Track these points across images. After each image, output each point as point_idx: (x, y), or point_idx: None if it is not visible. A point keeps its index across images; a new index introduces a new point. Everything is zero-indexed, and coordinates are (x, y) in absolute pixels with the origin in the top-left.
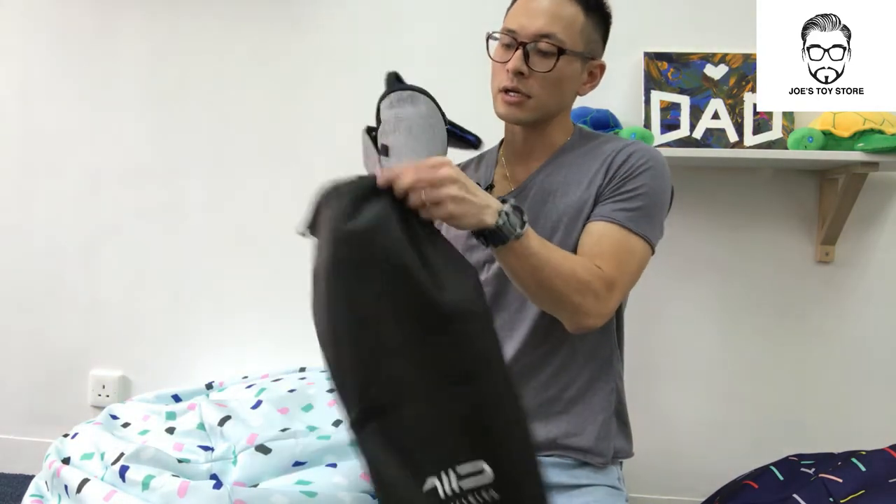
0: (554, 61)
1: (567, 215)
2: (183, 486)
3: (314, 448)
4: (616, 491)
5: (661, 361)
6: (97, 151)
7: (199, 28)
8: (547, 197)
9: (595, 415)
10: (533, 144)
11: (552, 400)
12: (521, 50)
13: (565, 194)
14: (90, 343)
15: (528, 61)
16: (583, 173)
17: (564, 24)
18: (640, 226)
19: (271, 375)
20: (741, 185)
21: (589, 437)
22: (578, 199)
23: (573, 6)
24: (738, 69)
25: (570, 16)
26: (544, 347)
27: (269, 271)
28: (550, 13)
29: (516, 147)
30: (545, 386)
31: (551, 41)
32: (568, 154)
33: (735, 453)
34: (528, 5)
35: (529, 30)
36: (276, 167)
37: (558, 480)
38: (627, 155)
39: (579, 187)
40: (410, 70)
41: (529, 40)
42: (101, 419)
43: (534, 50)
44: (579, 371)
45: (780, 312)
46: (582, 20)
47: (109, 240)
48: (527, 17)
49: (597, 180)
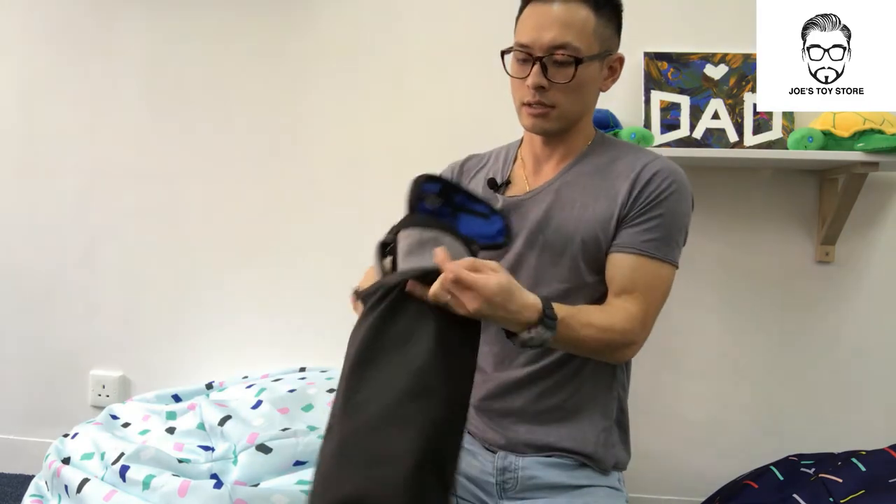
0: (573, 70)
1: (586, 231)
2: (183, 485)
3: (314, 447)
4: (616, 492)
5: (661, 361)
6: (97, 152)
7: (199, 28)
8: (564, 206)
9: (596, 423)
10: (554, 148)
11: (554, 408)
12: (538, 65)
13: (584, 207)
14: (90, 343)
15: (546, 74)
16: (603, 189)
17: (577, 30)
18: (667, 253)
19: (271, 375)
20: (741, 185)
21: (590, 444)
22: (600, 216)
23: (583, 9)
24: (738, 69)
25: (581, 20)
26: (550, 357)
27: (270, 271)
28: (561, 22)
29: (536, 149)
30: (548, 393)
31: (567, 51)
32: (587, 163)
33: (735, 453)
34: (538, 17)
35: (543, 42)
36: (276, 167)
37: (559, 481)
38: (652, 174)
39: (598, 203)
40: (411, 69)
41: (545, 53)
42: (101, 419)
43: (550, 62)
44: (583, 381)
45: (780, 312)
46: (593, 21)
47: (109, 240)
48: (538, 29)
49: (619, 198)
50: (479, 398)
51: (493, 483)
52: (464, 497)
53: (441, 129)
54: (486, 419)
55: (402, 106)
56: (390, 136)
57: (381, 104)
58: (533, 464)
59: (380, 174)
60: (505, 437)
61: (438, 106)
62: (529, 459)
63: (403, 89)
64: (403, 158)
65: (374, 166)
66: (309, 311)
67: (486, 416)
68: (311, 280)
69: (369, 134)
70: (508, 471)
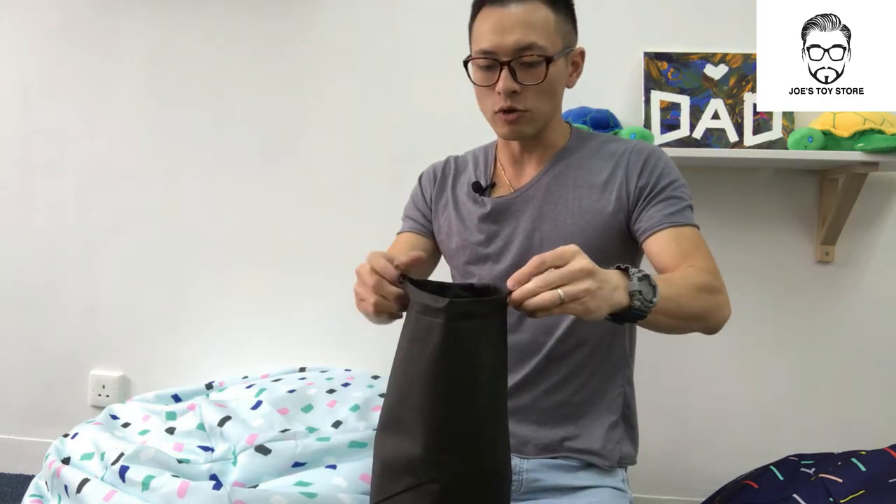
0: (544, 70)
1: (589, 220)
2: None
3: (314, 449)
4: (620, 493)
5: (662, 361)
6: (97, 151)
7: (199, 28)
8: (558, 199)
9: (603, 418)
10: (532, 148)
11: (561, 404)
12: (506, 69)
13: (579, 197)
14: (90, 343)
15: (516, 77)
16: (593, 175)
17: (539, 29)
18: (690, 217)
19: (271, 375)
20: (741, 185)
21: (596, 440)
22: (597, 203)
23: (541, 8)
24: (738, 69)
25: (542, 19)
26: (553, 353)
27: (270, 271)
28: (523, 23)
29: (514, 151)
30: (555, 390)
31: (534, 52)
32: (572, 155)
33: (735, 453)
34: (497, 21)
35: (507, 46)
36: (276, 167)
37: (562, 482)
38: (642, 157)
39: (593, 190)
40: (410, 69)
41: (511, 57)
42: (101, 419)
43: (518, 65)
44: (590, 376)
45: (779, 312)
46: (553, 18)
47: (109, 240)
48: (499, 34)
49: (614, 183)
50: None
51: None
52: None
53: (441, 129)
54: None
55: (401, 106)
56: (390, 135)
57: (381, 104)
58: (537, 466)
59: (380, 174)
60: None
61: (438, 106)
62: (534, 462)
63: (403, 89)
64: (403, 158)
65: (374, 166)
66: (309, 311)
67: None
68: (312, 280)
69: (370, 133)
70: (513, 473)
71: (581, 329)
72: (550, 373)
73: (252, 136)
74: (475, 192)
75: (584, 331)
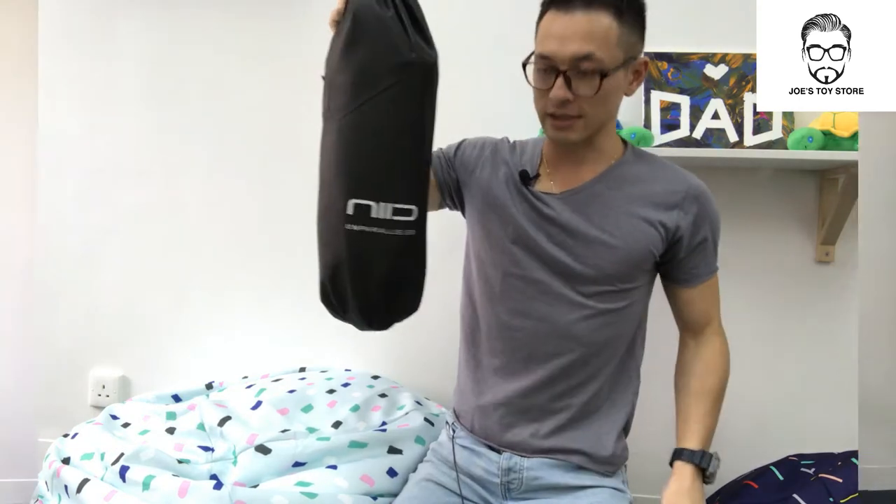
0: (598, 82)
1: (631, 236)
2: (183, 486)
3: (314, 449)
4: (620, 493)
5: (662, 361)
6: (97, 151)
7: (199, 28)
8: (607, 210)
9: (613, 426)
10: (584, 154)
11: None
12: (561, 77)
13: (629, 213)
14: (90, 343)
15: (570, 86)
16: (646, 196)
17: (600, 40)
18: (715, 262)
19: (271, 375)
20: (741, 185)
21: (603, 449)
22: (644, 224)
23: (605, 16)
24: (738, 69)
25: (603, 29)
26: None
27: (270, 271)
28: (583, 32)
29: (561, 152)
30: (571, 393)
31: (591, 63)
32: (627, 171)
33: (735, 453)
34: (560, 27)
35: (565, 54)
36: (276, 167)
37: (563, 481)
38: (698, 204)
39: (645, 211)
40: None
41: (568, 66)
42: (101, 419)
43: (575, 73)
44: (603, 383)
45: (779, 312)
46: (616, 30)
47: (109, 240)
48: (559, 41)
49: (665, 217)
50: (487, 402)
51: (497, 483)
52: (468, 497)
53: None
54: (495, 420)
55: None
56: None
57: None
58: (538, 464)
59: None
60: (516, 437)
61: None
62: (535, 460)
63: None
64: None
65: None
66: (309, 311)
67: (494, 417)
68: (312, 280)
69: None
70: (513, 471)
71: (605, 336)
72: (570, 377)
73: (253, 137)
74: (521, 178)
75: (607, 338)
